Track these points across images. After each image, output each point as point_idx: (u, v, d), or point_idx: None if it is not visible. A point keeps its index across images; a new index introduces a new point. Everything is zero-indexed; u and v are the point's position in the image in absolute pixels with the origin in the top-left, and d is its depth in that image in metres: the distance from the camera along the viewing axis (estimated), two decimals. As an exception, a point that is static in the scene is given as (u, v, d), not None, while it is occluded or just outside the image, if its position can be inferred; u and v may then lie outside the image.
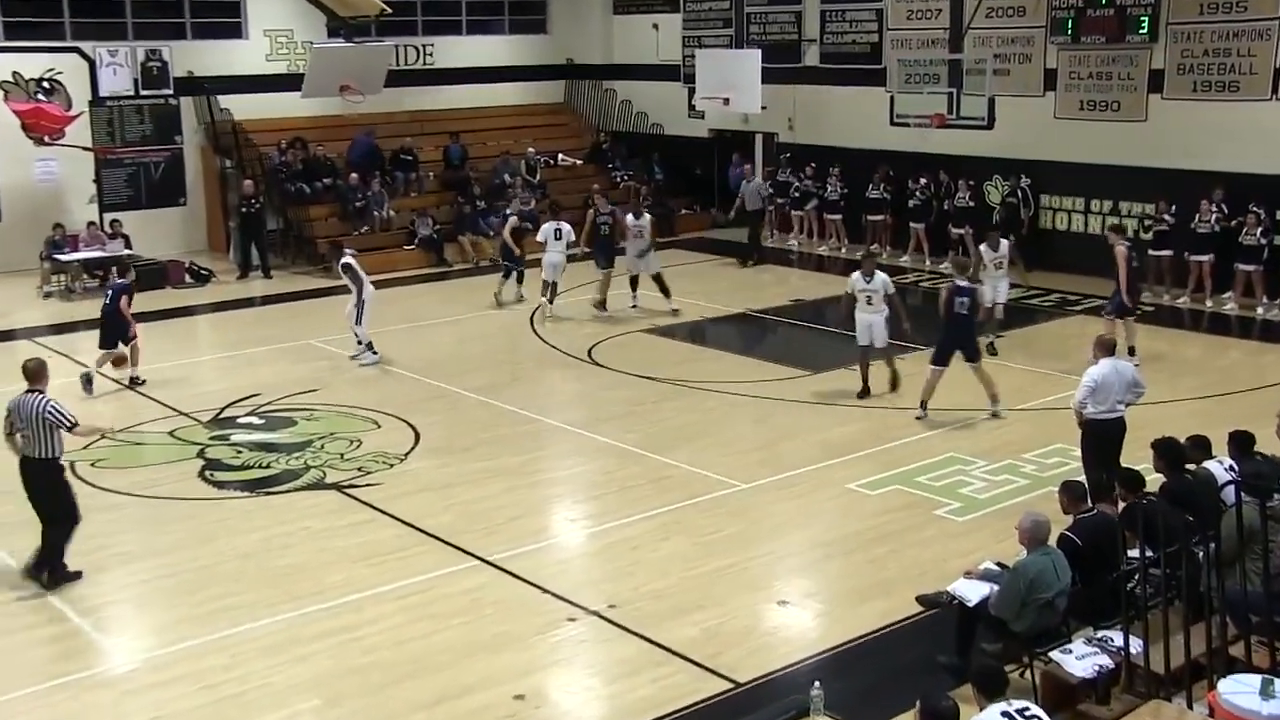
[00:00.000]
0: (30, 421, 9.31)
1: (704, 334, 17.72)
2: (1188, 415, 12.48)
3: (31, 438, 9.33)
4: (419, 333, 17.68)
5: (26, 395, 9.44)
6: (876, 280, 14.02)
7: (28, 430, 9.33)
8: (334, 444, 12.81)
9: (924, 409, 13.17)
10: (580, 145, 26.96)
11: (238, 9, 23.86)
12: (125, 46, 22.73)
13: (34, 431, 9.30)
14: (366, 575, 9.66)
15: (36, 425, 9.29)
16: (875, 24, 22.98)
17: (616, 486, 11.57)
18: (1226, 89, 18.55)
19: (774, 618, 9.04)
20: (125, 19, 22.80)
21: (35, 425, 9.30)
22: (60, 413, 9.37)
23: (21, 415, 9.36)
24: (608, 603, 9.12)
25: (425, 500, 11.25)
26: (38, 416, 9.29)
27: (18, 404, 9.42)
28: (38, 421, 9.29)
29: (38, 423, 9.29)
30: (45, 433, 9.31)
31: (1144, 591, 7.11)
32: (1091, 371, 10.20)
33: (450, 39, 26.44)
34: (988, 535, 10.13)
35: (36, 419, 9.29)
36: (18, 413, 9.40)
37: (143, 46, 22.89)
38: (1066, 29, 20.02)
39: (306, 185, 22.88)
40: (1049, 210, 20.86)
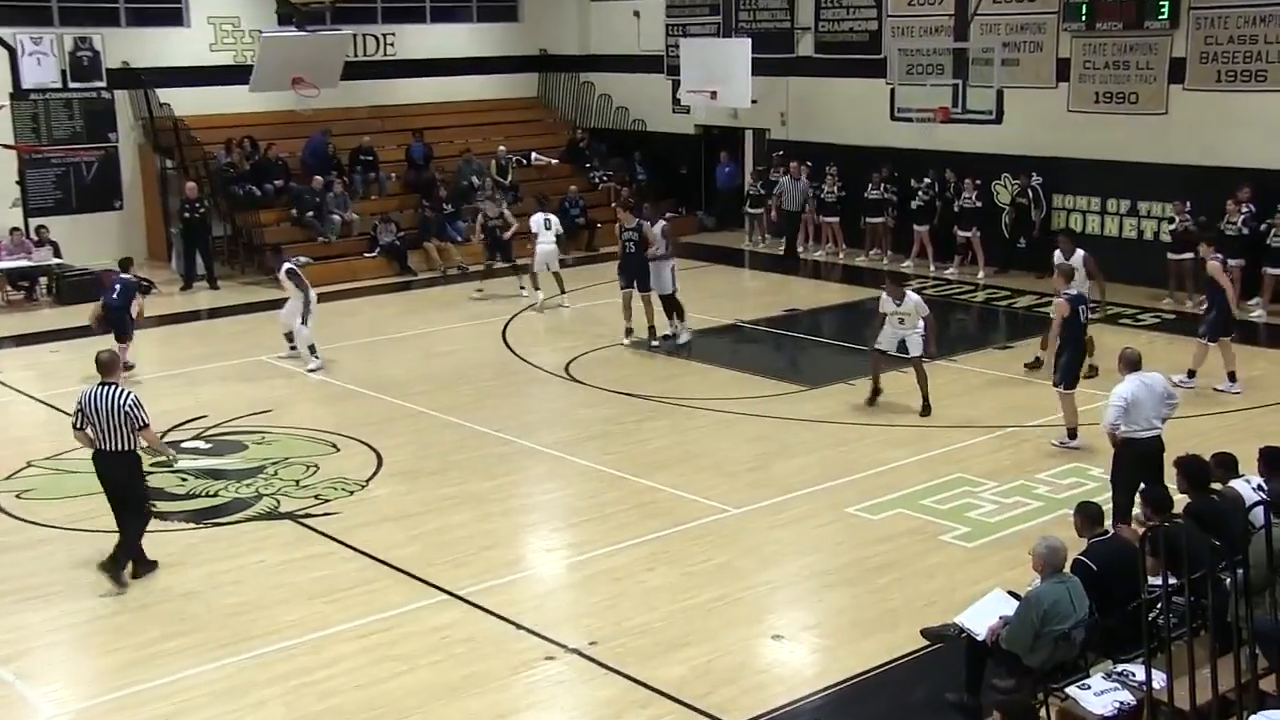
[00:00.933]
0: (111, 414, 9.84)
1: (690, 347, 17.77)
2: (1212, 431, 12.60)
3: (108, 431, 9.89)
4: (382, 347, 17.69)
5: (101, 388, 9.95)
6: (908, 303, 14.17)
7: (103, 423, 9.86)
8: (288, 470, 12.81)
9: (1072, 436, 12.91)
10: (555, 143, 27.04)
11: (179, -7, 23.88)
12: (50, 34, 22.63)
13: (113, 424, 9.86)
14: (325, 613, 9.66)
15: (117, 418, 9.85)
16: (874, 11, 23.15)
17: (597, 513, 11.60)
18: (1254, 79, 18.74)
19: (768, 654, 9.08)
20: (50, 3, 22.67)
21: (115, 418, 9.85)
22: (140, 409, 9.94)
23: (96, 408, 9.87)
24: (588, 639, 9.14)
25: (389, 530, 11.26)
26: (118, 409, 9.85)
27: (90, 396, 9.94)
28: (118, 414, 9.85)
29: (118, 415, 9.85)
30: (125, 425, 9.88)
31: (1167, 621, 7.17)
32: (1120, 390, 10.27)
33: (413, 27, 26.49)
34: (998, 562, 10.20)
35: (117, 411, 9.85)
36: (91, 405, 9.91)
37: (70, 34, 22.81)
38: (1080, 14, 20.20)
39: (256, 187, 22.88)
40: (1062, 211, 21.02)
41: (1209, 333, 14.63)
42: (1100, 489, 11.33)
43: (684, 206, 26.39)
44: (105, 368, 10.19)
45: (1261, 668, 6.82)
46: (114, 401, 9.89)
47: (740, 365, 16.55)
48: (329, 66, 22.65)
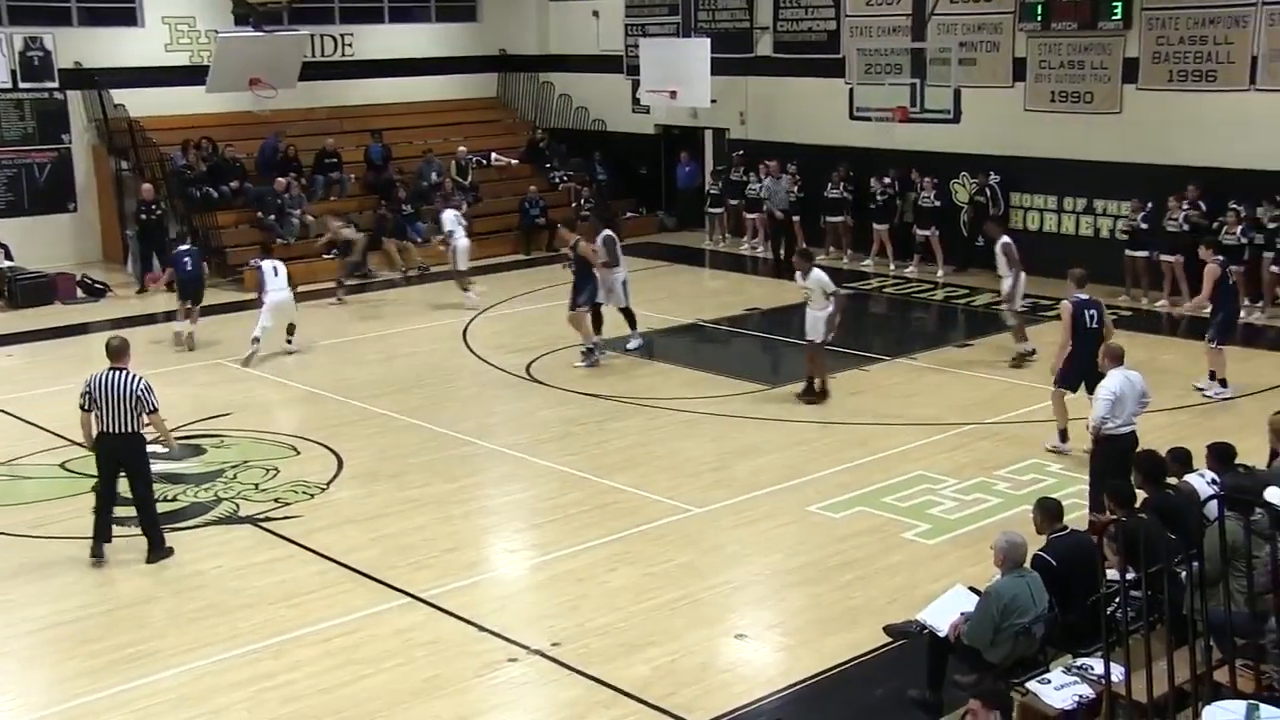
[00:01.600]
0: (123, 398, 10.25)
1: (652, 347, 17.79)
2: (1166, 426, 12.73)
3: (118, 413, 10.28)
4: (341, 350, 17.61)
5: (111, 372, 10.36)
6: (810, 279, 14.48)
7: (113, 407, 10.24)
8: (248, 473, 12.74)
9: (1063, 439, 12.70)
10: (515, 143, 26.99)
11: (132, -8, 23.68)
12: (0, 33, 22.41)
13: (125, 407, 10.27)
14: (286, 617, 9.62)
15: (129, 401, 10.27)
16: (833, 10, 23.25)
17: (559, 514, 11.61)
18: (1204, 78, 18.97)
19: (731, 653, 9.11)
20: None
21: (127, 401, 10.27)
22: (151, 393, 10.41)
23: (106, 392, 10.26)
24: (551, 640, 9.14)
25: (350, 533, 11.22)
26: (130, 393, 10.28)
27: (100, 380, 10.32)
28: (130, 398, 10.27)
29: (131, 399, 10.27)
30: (136, 409, 10.32)
31: (1125, 615, 7.25)
32: (1108, 384, 10.36)
33: (371, 28, 26.39)
34: (959, 559, 10.28)
35: (130, 395, 10.27)
36: (100, 389, 10.29)
37: (20, 33, 22.56)
38: (1036, 15, 20.37)
39: (213, 189, 22.72)
40: (1019, 209, 21.19)
41: (1217, 336, 14.45)
42: (1060, 484, 11.48)
43: (644, 206, 26.44)
44: (116, 353, 10.54)
45: (1215, 659, 6.91)
46: (125, 386, 10.31)
47: (701, 365, 16.58)
48: (287, 67, 22.52)
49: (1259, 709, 5.98)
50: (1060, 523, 8.30)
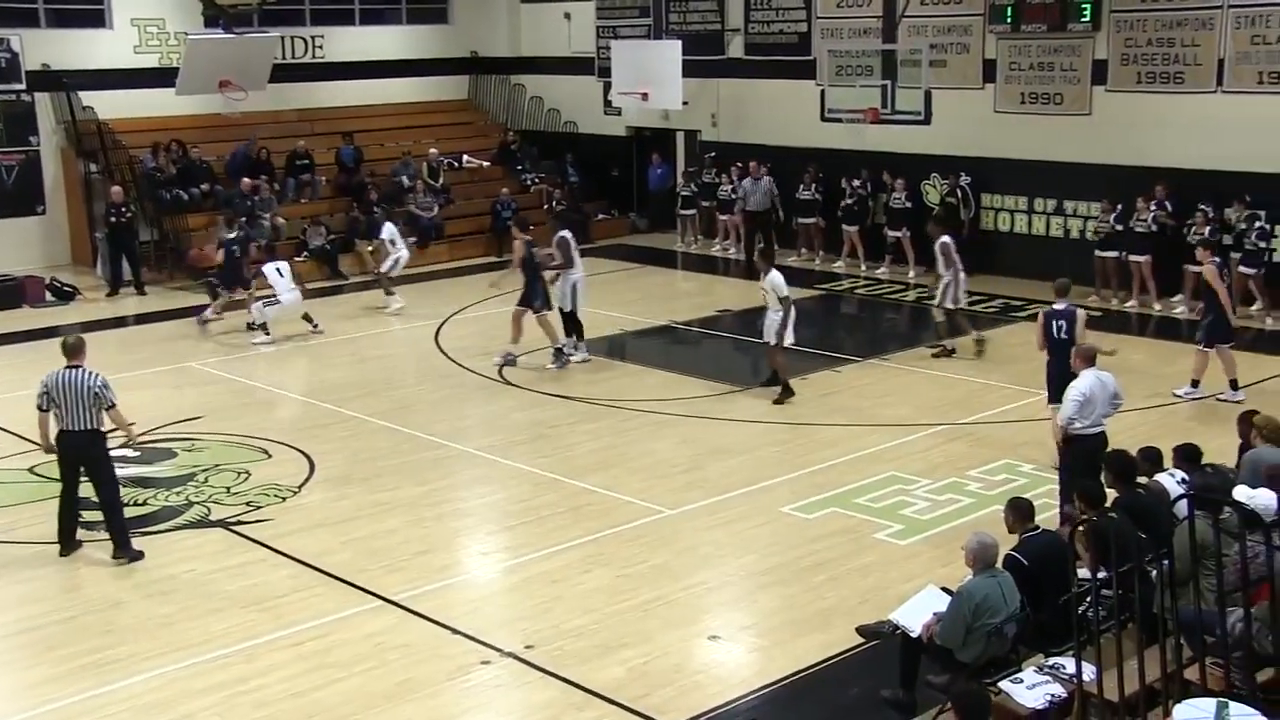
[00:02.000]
0: (81, 395, 10.31)
1: (624, 348, 17.79)
2: (1137, 425, 12.80)
3: (77, 411, 10.34)
4: (313, 352, 17.54)
5: (68, 370, 10.41)
6: (766, 280, 14.68)
7: (71, 404, 10.30)
8: (219, 477, 12.66)
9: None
10: (487, 145, 26.95)
11: (100, -6, 23.51)
12: (-36, 34, 22.24)
13: (84, 404, 10.32)
14: (258, 621, 9.56)
15: (87, 398, 10.32)
16: (804, 12, 23.29)
17: (532, 516, 11.58)
18: (1171, 80, 19.10)
19: (705, 654, 9.11)
20: (-36, 3, 22.27)
21: (85, 398, 10.31)
22: (109, 389, 10.44)
23: (64, 390, 10.32)
24: (524, 643, 9.12)
25: (322, 536, 11.16)
26: (88, 390, 10.33)
27: (57, 379, 10.39)
28: (88, 395, 10.32)
29: (88, 396, 10.32)
30: (95, 405, 10.37)
31: (1096, 615, 7.28)
32: (1078, 385, 10.38)
33: (342, 29, 26.29)
34: (932, 559, 10.30)
35: (87, 392, 10.32)
36: (58, 387, 10.36)
37: (-14, 34, 22.42)
38: (1006, 17, 20.46)
39: (184, 192, 22.59)
40: (990, 210, 21.29)
41: (1206, 338, 14.37)
42: (1032, 484, 11.52)
43: (616, 208, 26.43)
44: (72, 351, 10.57)
45: (1186, 658, 6.95)
46: (83, 383, 10.36)
47: (673, 366, 16.58)
48: (257, 69, 22.41)
49: (1228, 707, 6.02)
50: (1032, 522, 8.33)
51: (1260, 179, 17.99)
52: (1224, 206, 18.21)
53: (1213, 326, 14.33)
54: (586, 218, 25.50)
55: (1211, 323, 14.36)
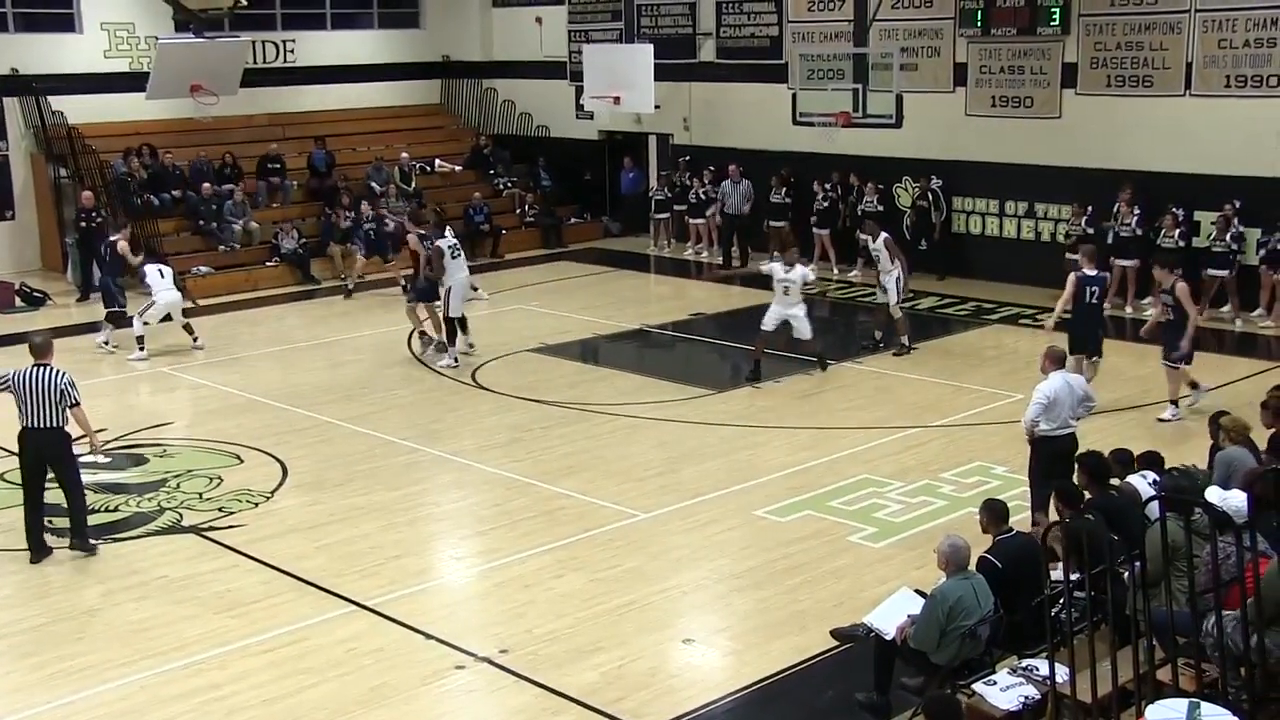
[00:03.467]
0: (47, 392, 10.44)
1: (597, 352, 17.77)
2: (1110, 428, 12.86)
3: (42, 408, 10.45)
4: (285, 357, 17.45)
5: (35, 368, 10.54)
6: (795, 272, 15.44)
7: (36, 401, 10.42)
8: (191, 482, 12.58)
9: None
10: (459, 150, 26.88)
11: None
12: (-65, 39, 22.05)
13: (49, 402, 10.45)
14: (231, 627, 9.50)
15: (53, 396, 10.45)
16: (775, 16, 23.33)
17: (505, 520, 11.54)
18: (1140, 84, 19.21)
19: (680, 658, 9.09)
20: (-67, 7, 22.09)
21: (51, 396, 10.44)
22: (74, 388, 10.59)
23: (30, 387, 10.44)
24: (499, 647, 9.08)
25: (295, 542, 11.10)
26: (53, 388, 10.46)
27: (24, 376, 10.51)
28: (54, 392, 10.45)
29: (54, 394, 10.44)
30: (61, 403, 10.50)
31: (1069, 616, 7.30)
32: (1043, 387, 10.42)
33: (313, 34, 26.19)
34: (905, 561, 10.31)
35: (53, 390, 10.45)
36: (24, 384, 10.48)
37: (-48, 39, 22.19)
38: (976, 20, 20.54)
39: (155, 196, 22.45)
40: (962, 214, 21.36)
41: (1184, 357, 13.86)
42: (1005, 486, 11.53)
43: (589, 212, 26.39)
44: (39, 350, 10.70)
45: (1158, 658, 6.97)
46: (48, 381, 10.48)
47: (647, 370, 16.57)
48: (228, 73, 22.30)
49: (1199, 707, 6.04)
50: (1006, 524, 8.35)
51: (1228, 181, 18.11)
52: (1194, 209, 18.31)
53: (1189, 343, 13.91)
54: (560, 221, 25.50)
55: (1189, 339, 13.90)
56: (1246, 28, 18.10)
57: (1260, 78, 18.06)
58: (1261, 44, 18.01)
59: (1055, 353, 10.77)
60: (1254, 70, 18.10)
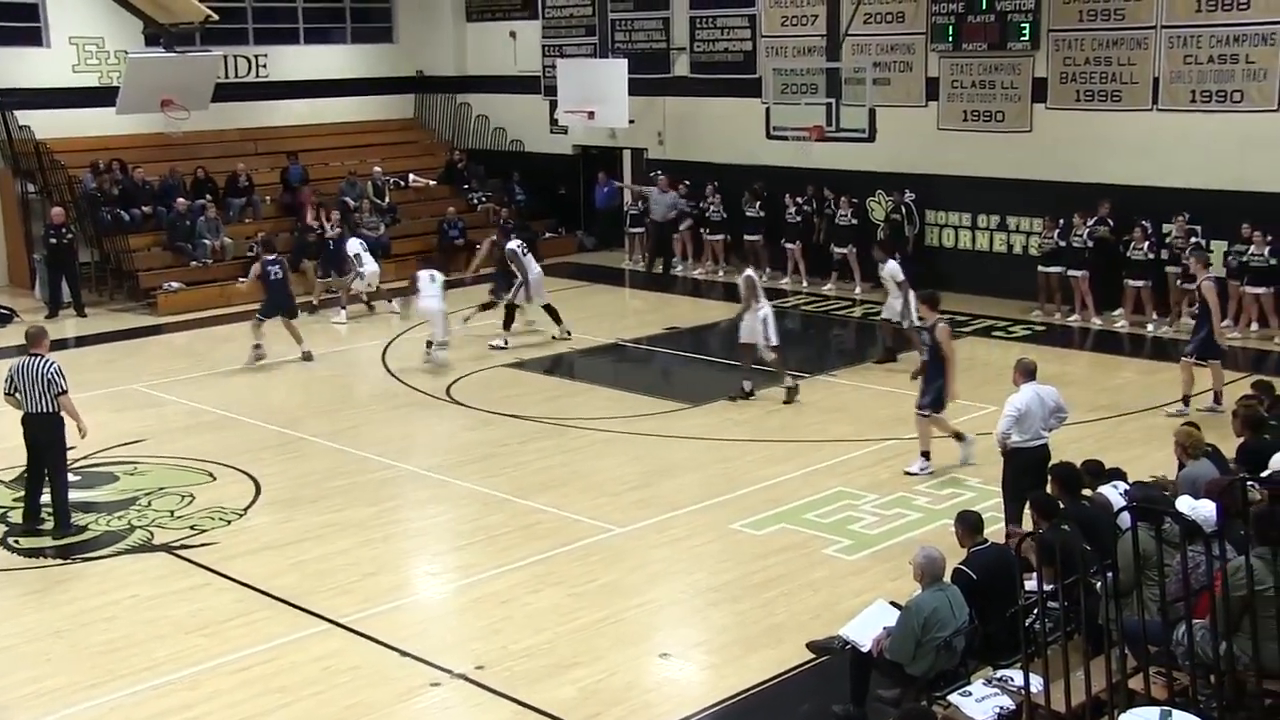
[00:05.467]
0: (36, 381, 11.30)
1: (572, 367, 17.78)
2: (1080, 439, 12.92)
3: (33, 395, 11.33)
4: (258, 373, 17.37)
5: (29, 358, 11.44)
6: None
7: (28, 389, 11.30)
8: (163, 500, 12.52)
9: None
10: (433, 164, 26.86)
11: (36, 12, 23.16)
12: (-105, 52, 21.92)
13: (39, 389, 11.32)
14: (203, 646, 9.45)
15: (41, 384, 11.30)
16: (749, 31, 23.44)
17: (481, 536, 11.53)
18: (1109, 98, 19.38)
19: (657, 672, 9.10)
20: (-106, 21, 21.93)
21: (40, 384, 11.30)
22: (62, 376, 11.43)
23: (24, 376, 11.33)
24: (475, 664, 9.07)
25: (268, 559, 11.05)
26: (42, 377, 11.31)
27: (20, 366, 11.42)
28: (43, 381, 11.30)
29: (43, 382, 11.30)
30: (49, 390, 11.35)
31: (1043, 627, 7.34)
32: (1014, 399, 10.48)
33: (286, 49, 26.15)
34: (881, 573, 10.35)
35: (41, 378, 11.30)
36: (20, 373, 11.36)
37: (-84, 53, 22.07)
38: (947, 35, 20.69)
39: (125, 212, 22.35)
40: (934, 227, 21.48)
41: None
42: (979, 498, 11.60)
43: (564, 227, 26.41)
44: (33, 340, 11.67)
45: (1130, 667, 7.02)
46: (39, 370, 11.33)
47: (622, 384, 16.58)
48: (199, 88, 22.22)
49: (1171, 714, 6.09)
50: (981, 536, 8.40)
51: (1195, 195, 18.28)
52: (1162, 221, 18.47)
53: (1206, 341, 14.20)
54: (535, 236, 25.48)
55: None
56: (1210, 44, 18.31)
57: (1224, 93, 18.27)
58: (1225, 60, 18.22)
59: (1026, 365, 10.84)
60: (1218, 85, 18.31)
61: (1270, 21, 17.81)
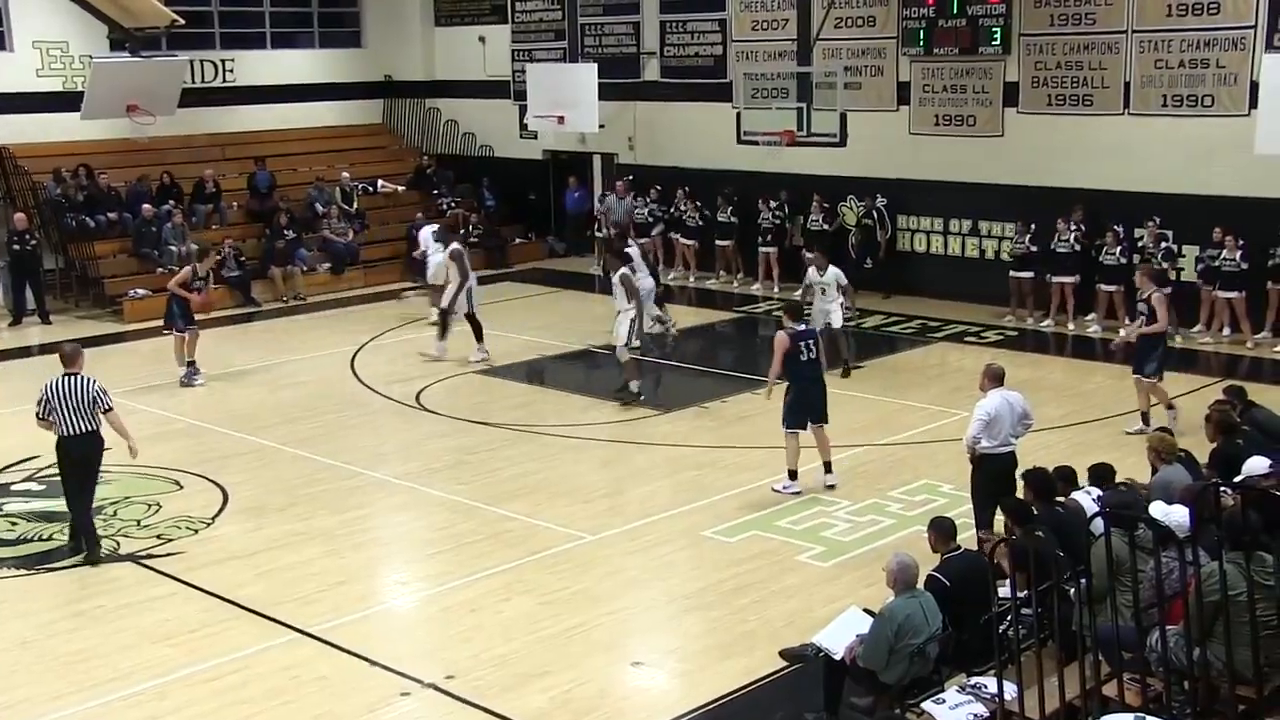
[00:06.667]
0: (81, 400, 10.92)
1: (543, 373, 17.75)
2: (1053, 445, 12.99)
3: (77, 415, 10.93)
4: (226, 381, 17.26)
5: (66, 378, 11.03)
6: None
7: (72, 409, 10.89)
8: (129, 509, 12.42)
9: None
10: (402, 170, 26.79)
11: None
12: None
13: (83, 409, 10.93)
14: (170, 656, 9.38)
15: (86, 403, 10.92)
16: (719, 35, 23.48)
17: (451, 544, 11.48)
18: (1081, 103, 19.50)
19: (629, 680, 9.08)
20: None
21: (85, 403, 10.92)
22: (107, 394, 11.13)
23: (64, 396, 10.92)
24: (445, 673, 9.03)
25: (235, 568, 10.98)
26: (87, 395, 10.96)
27: (56, 385, 11.00)
28: (88, 400, 10.94)
29: (88, 401, 10.93)
30: (95, 408, 11.00)
31: (1017, 633, 7.36)
32: (983, 404, 10.50)
33: (253, 53, 26.03)
34: (854, 580, 10.36)
35: (86, 397, 10.94)
36: (57, 394, 10.94)
37: (-120, 57, 21.87)
38: (919, 40, 20.78)
39: (90, 218, 22.19)
40: (906, 232, 21.56)
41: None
42: (952, 504, 11.61)
43: (533, 232, 26.38)
44: (69, 359, 11.24)
45: (1104, 673, 7.04)
46: (82, 388, 10.98)
47: (593, 390, 16.55)
48: (166, 93, 22.06)
49: (1145, 721, 6.12)
50: (954, 542, 8.41)
51: (1166, 199, 18.41)
52: (1134, 226, 18.58)
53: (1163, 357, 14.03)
54: (505, 242, 25.47)
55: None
56: (1181, 49, 18.44)
57: (1195, 97, 18.40)
58: (1196, 64, 18.36)
59: (994, 370, 10.84)
60: (1189, 90, 18.44)
61: (1240, 26, 17.95)
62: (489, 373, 17.31)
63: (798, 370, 12.42)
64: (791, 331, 12.46)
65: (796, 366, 12.41)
